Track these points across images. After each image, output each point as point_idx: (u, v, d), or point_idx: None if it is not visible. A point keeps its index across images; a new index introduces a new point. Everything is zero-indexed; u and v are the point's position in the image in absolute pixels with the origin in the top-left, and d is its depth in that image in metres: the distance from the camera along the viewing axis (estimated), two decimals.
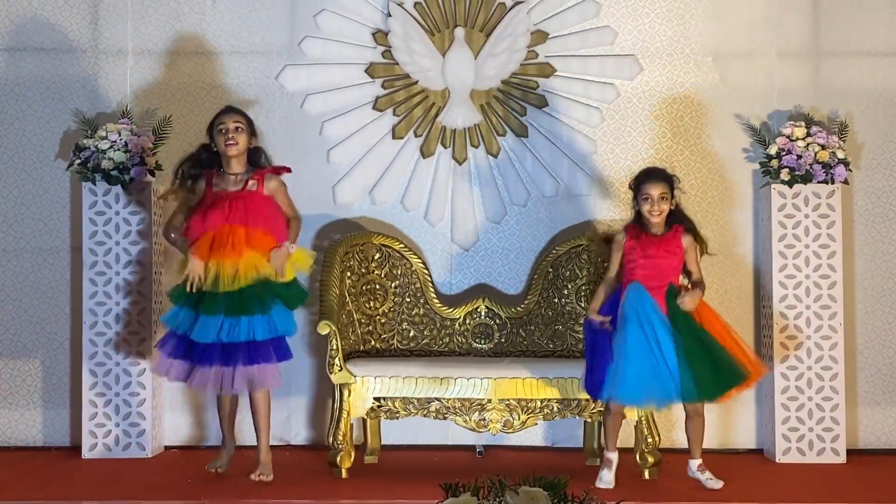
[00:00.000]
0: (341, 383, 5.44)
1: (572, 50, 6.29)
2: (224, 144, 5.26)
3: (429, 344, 6.03)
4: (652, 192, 5.19)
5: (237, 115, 5.34)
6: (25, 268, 6.24)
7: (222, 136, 5.27)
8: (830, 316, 5.90)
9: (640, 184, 5.24)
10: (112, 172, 5.88)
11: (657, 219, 5.20)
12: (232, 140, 5.25)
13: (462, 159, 6.28)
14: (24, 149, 6.26)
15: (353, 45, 6.28)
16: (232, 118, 5.31)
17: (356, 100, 6.29)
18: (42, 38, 6.27)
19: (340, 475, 5.39)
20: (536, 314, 6.04)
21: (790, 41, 6.27)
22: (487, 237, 6.28)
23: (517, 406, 5.47)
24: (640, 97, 6.27)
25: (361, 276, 6.00)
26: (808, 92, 6.24)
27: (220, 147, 5.28)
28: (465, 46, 6.27)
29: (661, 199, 5.18)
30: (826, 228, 5.92)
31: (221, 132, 5.27)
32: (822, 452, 5.86)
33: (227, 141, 5.25)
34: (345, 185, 6.27)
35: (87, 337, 5.93)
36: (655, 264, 5.16)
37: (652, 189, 5.19)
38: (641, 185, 5.23)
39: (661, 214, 5.19)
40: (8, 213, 6.25)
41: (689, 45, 6.28)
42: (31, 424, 6.21)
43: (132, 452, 5.90)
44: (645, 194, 5.20)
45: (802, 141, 5.90)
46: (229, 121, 5.29)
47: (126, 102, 6.20)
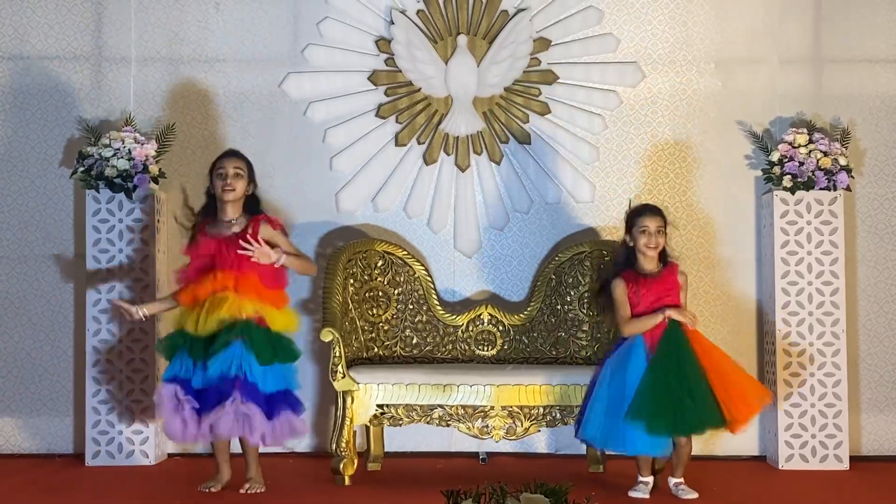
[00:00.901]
0: (344, 390, 5.44)
1: (575, 57, 6.30)
2: (221, 189, 5.19)
3: (432, 351, 6.04)
4: (650, 225, 5.20)
5: (238, 161, 5.26)
6: (29, 275, 6.25)
7: (220, 181, 5.20)
8: (833, 323, 5.90)
9: (636, 216, 5.25)
10: (115, 180, 5.89)
11: (652, 252, 5.21)
12: (230, 186, 5.18)
13: (465, 166, 6.29)
14: (28, 156, 6.27)
15: (356, 52, 6.30)
16: (232, 164, 5.23)
17: (359, 107, 6.30)
18: (46, 45, 6.28)
19: (343, 482, 5.39)
20: (539, 321, 6.04)
21: (792, 48, 6.28)
22: (490, 244, 6.28)
23: (520, 413, 5.47)
24: (642, 104, 6.28)
25: (364, 284, 6.00)
26: (810, 98, 6.25)
27: (217, 191, 5.21)
28: (467, 54, 6.28)
29: (658, 233, 5.19)
30: (828, 235, 5.92)
31: (220, 176, 5.21)
32: (826, 459, 5.86)
33: (224, 186, 5.18)
34: (348, 193, 6.28)
35: (90, 344, 5.94)
36: (658, 303, 5.15)
37: (650, 222, 5.20)
38: (638, 218, 5.23)
39: (656, 248, 5.20)
40: (12, 220, 6.26)
41: (692, 52, 6.29)
42: (34, 432, 6.21)
43: (135, 460, 5.90)
44: (643, 226, 5.20)
45: (805, 148, 5.90)
46: (229, 166, 5.21)
47: (129, 110, 6.22)
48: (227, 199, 5.20)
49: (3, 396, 6.22)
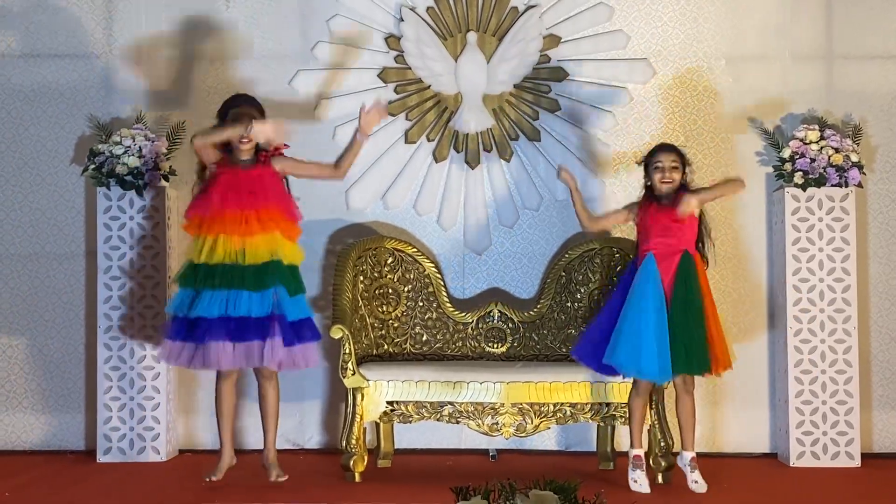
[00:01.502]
0: (354, 387, 5.45)
1: (585, 54, 6.29)
2: (238, 141, 5.20)
3: (441, 348, 6.04)
4: (664, 161, 5.23)
5: (252, 110, 5.28)
6: (41, 272, 6.27)
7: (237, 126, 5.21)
8: (844, 319, 5.89)
9: (651, 155, 5.30)
10: (126, 178, 5.90)
11: (667, 187, 5.23)
12: (245, 138, 5.20)
13: (474, 164, 6.29)
14: (40, 154, 6.29)
15: (366, 49, 6.30)
16: (248, 112, 5.24)
17: (369, 104, 6.28)
18: (57, 43, 6.30)
19: (354, 479, 5.40)
20: (549, 318, 6.03)
21: (803, 44, 6.26)
22: (500, 241, 6.28)
23: (530, 410, 5.47)
24: (652, 101, 6.27)
25: (374, 281, 6.01)
26: (821, 95, 6.23)
27: (233, 140, 5.22)
28: (477, 51, 6.28)
29: (673, 169, 5.21)
30: (840, 232, 5.91)
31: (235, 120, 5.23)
32: (837, 456, 5.84)
33: (241, 138, 5.18)
34: (357, 190, 6.28)
35: (101, 341, 5.95)
36: (667, 232, 5.18)
37: (663, 157, 5.24)
38: (653, 155, 5.29)
39: (672, 183, 5.22)
40: (23, 218, 6.28)
41: (702, 48, 6.27)
42: (46, 428, 6.23)
43: (147, 456, 5.92)
44: (657, 162, 5.24)
45: (816, 144, 5.89)
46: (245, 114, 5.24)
47: (140, 108, 6.23)
48: (244, 149, 5.23)
49: (15, 393, 6.24)
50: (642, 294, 5.12)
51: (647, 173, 5.30)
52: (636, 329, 5.07)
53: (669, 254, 5.16)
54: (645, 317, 5.08)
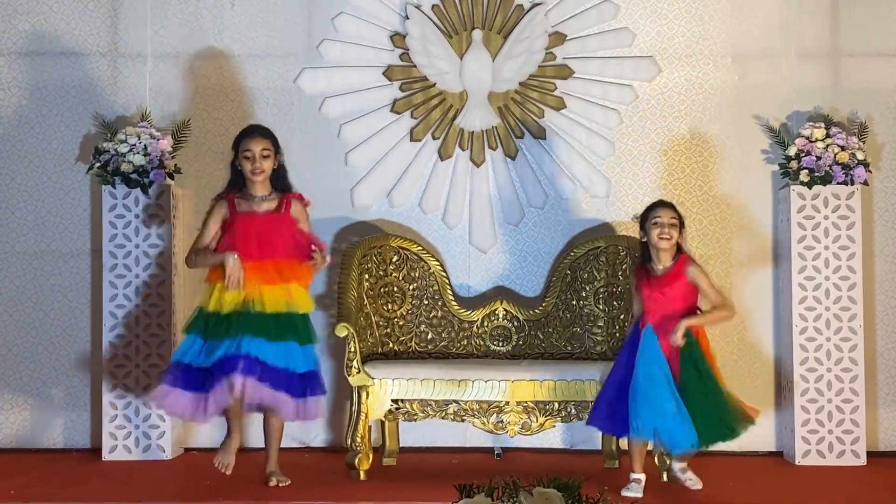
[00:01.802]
0: (359, 385, 5.44)
1: (590, 51, 6.28)
2: (251, 172, 5.20)
3: (447, 346, 6.03)
4: (663, 216, 5.18)
5: (264, 141, 5.24)
6: (46, 270, 6.27)
7: (249, 163, 5.20)
8: (850, 318, 5.87)
9: (649, 210, 5.25)
10: (131, 176, 5.91)
11: (665, 244, 5.16)
12: (258, 168, 5.19)
13: (480, 161, 6.28)
14: (45, 152, 6.29)
15: (371, 47, 6.30)
16: (259, 145, 5.21)
17: (374, 102, 6.30)
18: (62, 42, 6.30)
19: (359, 477, 5.40)
20: (554, 316, 6.03)
21: (809, 42, 6.25)
22: (505, 239, 6.28)
23: (535, 408, 5.47)
24: (658, 98, 6.26)
25: (379, 279, 6.00)
26: (827, 93, 6.22)
27: (246, 172, 5.21)
28: (482, 49, 6.27)
29: (671, 226, 5.17)
30: (846, 230, 5.90)
31: (248, 159, 5.20)
32: (843, 455, 5.83)
33: (253, 169, 5.18)
34: (363, 188, 6.28)
35: (106, 339, 5.96)
36: (665, 305, 5.12)
37: (662, 213, 5.19)
38: (651, 211, 5.24)
39: (670, 240, 5.16)
40: (28, 216, 6.29)
41: (708, 46, 6.26)
42: (51, 427, 6.24)
43: (152, 454, 5.92)
44: (656, 218, 5.18)
45: (822, 142, 5.88)
46: (256, 148, 5.19)
47: (145, 106, 6.23)
48: (258, 181, 5.22)
49: (21, 391, 6.25)
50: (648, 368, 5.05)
51: (644, 229, 5.25)
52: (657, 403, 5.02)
53: (669, 327, 5.08)
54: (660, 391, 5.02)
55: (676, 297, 5.15)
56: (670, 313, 5.11)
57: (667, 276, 5.18)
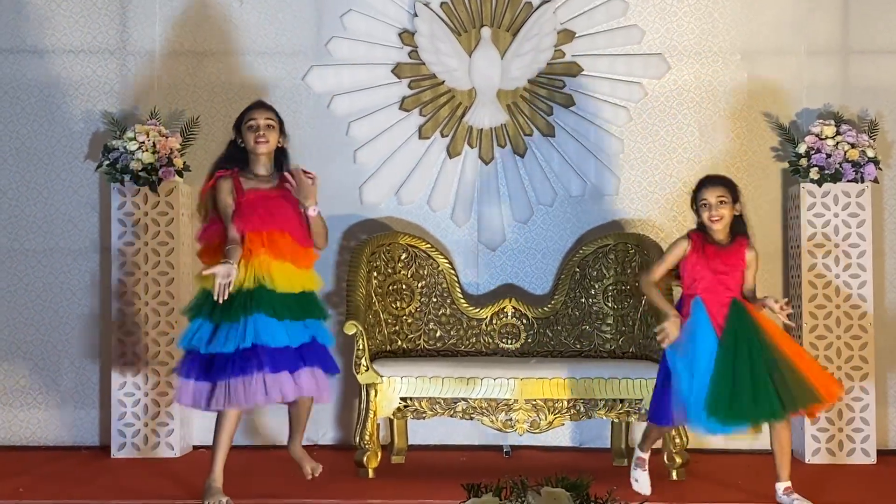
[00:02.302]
0: (368, 383, 5.44)
1: (599, 49, 6.27)
2: (254, 141, 4.90)
3: (455, 344, 6.03)
4: (709, 198, 4.87)
5: (269, 112, 4.98)
6: (55, 268, 6.28)
7: (252, 133, 4.91)
8: (860, 316, 5.86)
9: (697, 191, 4.96)
10: (140, 173, 5.91)
11: (718, 225, 4.87)
12: (263, 137, 4.90)
13: (489, 159, 6.27)
14: (54, 150, 6.30)
15: (379, 45, 6.29)
16: (264, 115, 4.94)
17: (383, 100, 6.29)
18: (71, 39, 6.30)
19: (367, 475, 5.40)
20: (563, 314, 6.02)
21: (819, 39, 6.23)
22: (514, 237, 6.27)
23: (544, 406, 5.46)
24: (667, 96, 6.25)
25: (388, 277, 6.00)
26: (837, 90, 6.20)
27: (249, 144, 4.92)
28: (491, 46, 6.26)
29: (720, 204, 4.86)
30: (856, 227, 5.88)
31: (251, 129, 4.91)
32: (852, 453, 5.82)
33: (257, 138, 4.90)
34: (371, 186, 6.28)
35: (115, 337, 5.96)
36: (720, 280, 4.87)
37: (708, 194, 4.88)
38: (698, 192, 4.93)
39: (721, 220, 4.87)
40: (37, 213, 6.29)
41: (717, 43, 6.25)
42: (60, 424, 6.25)
43: (161, 452, 5.93)
44: (703, 200, 4.89)
45: (832, 139, 5.86)
46: (261, 117, 4.93)
47: (154, 103, 6.23)
48: (261, 152, 4.92)
49: (30, 389, 6.25)
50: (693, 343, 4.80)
51: (697, 212, 4.95)
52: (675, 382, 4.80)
53: (719, 302, 4.84)
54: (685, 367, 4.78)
55: (734, 275, 4.88)
56: (721, 290, 4.86)
57: (729, 248, 4.90)
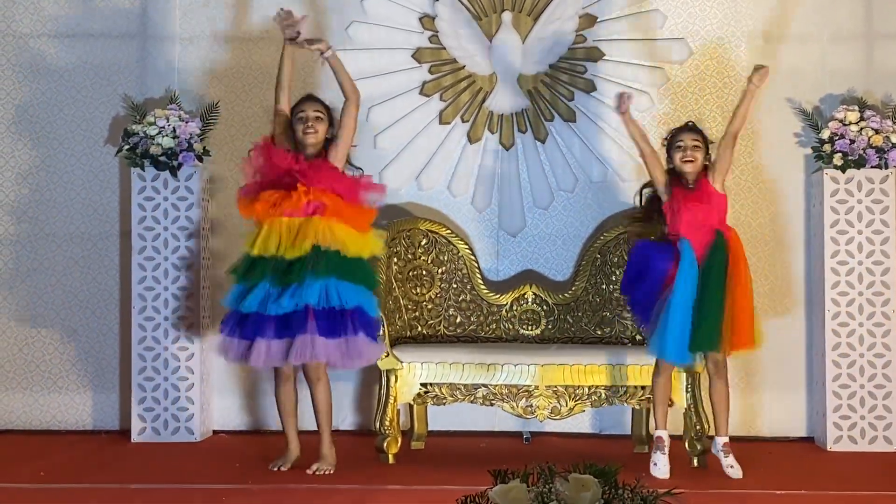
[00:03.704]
0: (388, 369, 5.43)
1: (621, 33, 6.23)
2: (303, 132, 5.17)
3: (475, 330, 6.02)
4: (684, 139, 5.20)
5: (318, 104, 5.25)
6: (75, 253, 6.29)
7: (301, 125, 5.18)
8: (883, 303, 5.82)
9: (673, 135, 5.28)
10: (160, 158, 5.91)
11: (690, 167, 5.18)
12: (311, 129, 5.17)
13: (509, 145, 6.25)
14: (74, 134, 6.30)
15: (400, 30, 6.27)
16: (312, 107, 5.22)
17: (403, 85, 6.27)
18: (91, 24, 6.30)
19: (387, 461, 5.40)
20: (584, 300, 6.00)
21: (843, 24, 6.18)
22: (535, 223, 6.25)
23: (564, 393, 5.44)
24: (689, 81, 6.21)
25: (408, 262, 5.99)
26: (861, 75, 6.15)
27: (299, 134, 5.18)
28: (512, 31, 6.23)
29: (694, 148, 5.18)
30: (879, 214, 5.84)
31: (301, 120, 5.19)
32: (875, 441, 5.79)
33: (305, 129, 5.17)
34: (391, 171, 6.26)
35: (135, 321, 5.97)
36: (695, 215, 5.11)
37: (684, 136, 5.21)
38: (675, 136, 5.26)
39: (694, 162, 5.18)
40: (58, 198, 6.30)
41: (740, 28, 6.20)
42: (80, 408, 6.26)
43: (181, 436, 5.94)
44: (678, 142, 5.21)
45: (856, 125, 5.82)
46: (310, 109, 5.21)
47: (174, 88, 6.23)
48: (310, 143, 5.17)
49: (51, 373, 6.27)
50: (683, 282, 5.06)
51: (670, 154, 5.28)
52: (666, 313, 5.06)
53: (701, 237, 5.11)
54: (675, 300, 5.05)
55: (709, 210, 5.13)
56: (699, 225, 5.11)
57: (698, 190, 5.18)
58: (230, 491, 4.78)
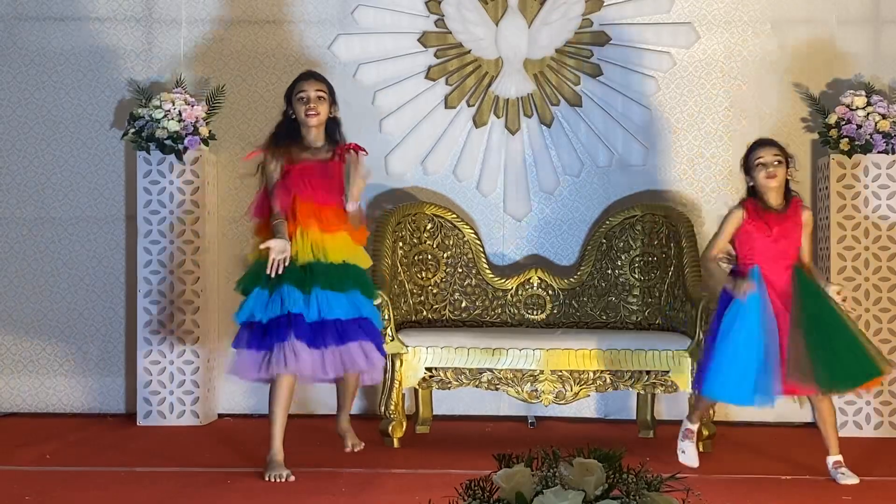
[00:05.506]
0: (393, 353, 5.43)
1: (628, 18, 6.21)
2: (305, 114, 4.89)
3: (481, 315, 6.01)
4: (765, 156, 4.78)
5: (319, 83, 4.96)
6: (81, 237, 6.29)
7: (303, 105, 4.89)
8: (889, 288, 5.81)
9: (751, 152, 4.86)
10: (166, 142, 5.90)
11: (774, 183, 4.77)
12: (313, 110, 4.88)
13: (515, 129, 6.24)
14: (80, 118, 6.30)
15: (406, 13, 6.25)
16: (314, 86, 4.92)
17: (409, 69, 6.26)
18: (97, 7, 6.29)
19: (392, 445, 5.40)
20: (589, 285, 5.99)
21: (850, 8, 6.16)
22: (540, 208, 6.24)
23: (569, 377, 5.44)
24: (696, 66, 6.19)
25: (413, 247, 5.98)
26: (868, 60, 6.13)
27: (300, 115, 4.91)
28: (518, 15, 6.21)
29: (777, 164, 4.78)
30: (885, 199, 5.83)
31: (302, 100, 4.90)
32: (880, 426, 5.79)
33: (308, 110, 4.88)
34: (397, 155, 6.25)
35: (141, 305, 5.98)
36: (778, 245, 4.77)
37: (765, 152, 4.80)
38: (753, 152, 4.84)
39: (776, 178, 4.77)
40: (63, 182, 6.30)
41: (747, 12, 6.18)
42: (87, 392, 6.28)
43: (186, 420, 5.95)
44: (758, 158, 4.79)
45: (862, 110, 5.80)
46: (311, 89, 4.91)
47: (180, 72, 6.22)
48: (312, 124, 4.91)
49: (56, 357, 6.28)
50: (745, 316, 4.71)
51: (750, 173, 4.83)
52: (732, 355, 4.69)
53: (779, 269, 4.76)
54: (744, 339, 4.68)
55: (792, 239, 4.78)
56: (780, 256, 4.76)
57: (787, 213, 4.79)
58: (235, 474, 4.79)
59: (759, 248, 4.78)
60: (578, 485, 2.59)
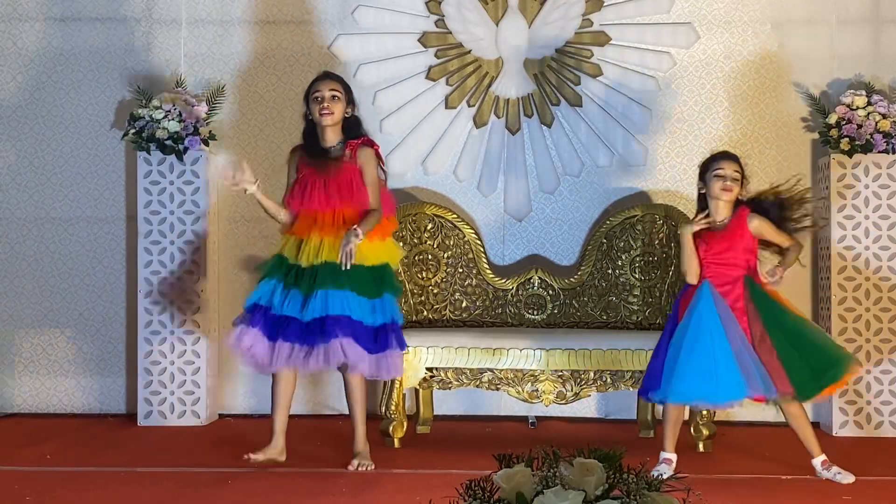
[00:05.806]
0: None
1: (628, 18, 6.21)
2: (319, 113, 4.93)
3: (481, 315, 6.02)
4: (725, 167, 4.81)
5: (333, 83, 5.00)
6: (81, 236, 6.29)
7: (317, 105, 4.94)
8: (890, 288, 5.81)
9: (713, 161, 4.88)
10: (166, 142, 5.91)
11: (727, 197, 4.80)
12: (327, 109, 4.92)
13: (515, 129, 6.24)
14: (80, 118, 6.30)
15: (406, 14, 6.25)
16: (328, 86, 4.97)
17: (409, 69, 6.26)
18: (97, 7, 6.29)
19: (393, 445, 5.41)
20: (590, 285, 6.00)
21: (850, 8, 6.16)
22: (540, 208, 6.24)
23: (570, 377, 5.44)
24: (696, 66, 6.19)
25: (414, 247, 5.99)
26: (868, 60, 6.13)
27: (315, 116, 4.96)
28: (518, 15, 6.21)
29: (734, 180, 4.80)
30: (886, 199, 5.83)
31: (317, 100, 4.95)
32: (880, 426, 5.79)
33: (321, 110, 4.92)
34: (397, 155, 6.25)
35: (142, 306, 5.98)
36: (722, 260, 4.80)
37: (725, 164, 4.82)
38: (714, 162, 4.86)
39: (731, 193, 4.80)
40: (64, 182, 6.30)
41: (748, 12, 6.18)
42: (87, 392, 6.28)
43: (187, 420, 5.95)
44: (718, 168, 4.81)
45: (863, 110, 5.80)
46: (325, 88, 4.95)
47: (180, 72, 6.22)
48: (326, 124, 4.95)
49: (57, 357, 6.28)
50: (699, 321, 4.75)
51: (704, 180, 4.87)
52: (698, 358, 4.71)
53: (728, 282, 4.79)
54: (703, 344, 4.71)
55: (738, 250, 4.82)
56: (726, 270, 4.80)
57: (728, 229, 4.83)
58: (236, 474, 4.79)
59: (706, 266, 4.82)
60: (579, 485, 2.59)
